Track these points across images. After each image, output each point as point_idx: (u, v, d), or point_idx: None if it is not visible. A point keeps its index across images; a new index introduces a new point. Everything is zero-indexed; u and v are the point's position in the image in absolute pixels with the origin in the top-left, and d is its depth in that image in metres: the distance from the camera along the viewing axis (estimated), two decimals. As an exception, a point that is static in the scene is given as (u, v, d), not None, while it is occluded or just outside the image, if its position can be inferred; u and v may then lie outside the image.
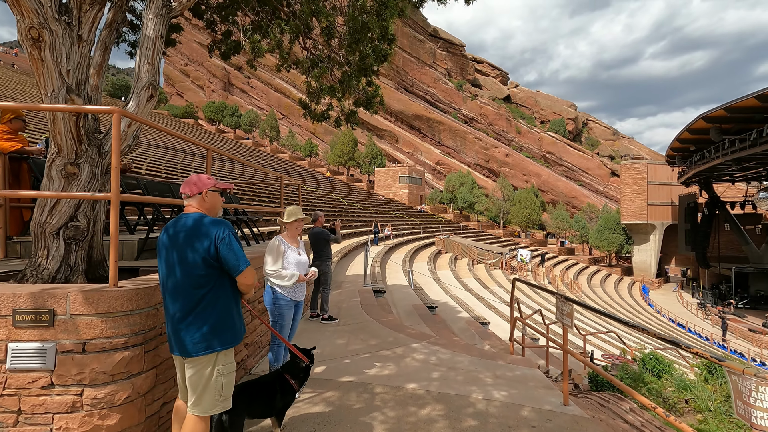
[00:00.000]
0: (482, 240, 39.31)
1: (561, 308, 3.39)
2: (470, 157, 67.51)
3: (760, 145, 25.61)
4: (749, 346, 25.37)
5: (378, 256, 15.65)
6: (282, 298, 3.60)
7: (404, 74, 69.89)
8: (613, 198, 65.37)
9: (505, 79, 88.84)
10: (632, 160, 48.37)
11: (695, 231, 38.45)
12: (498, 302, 14.49)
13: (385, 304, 8.10)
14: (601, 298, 30.63)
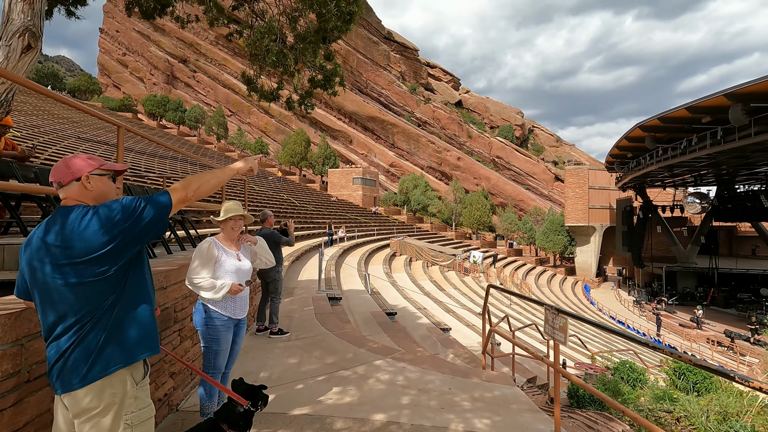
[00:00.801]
0: (435, 242, 39.54)
1: (552, 322, 2.94)
2: (423, 159, 68.16)
3: (689, 153, 27.60)
4: (680, 340, 27.23)
5: (332, 259, 14.91)
6: (218, 318, 2.87)
7: (358, 75, 69.40)
8: (557, 201, 68.67)
9: (457, 84, 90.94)
10: (575, 166, 50.92)
11: (631, 233, 41.00)
12: (456, 306, 14.25)
13: (341, 312, 7.44)
14: (548, 297, 31.67)
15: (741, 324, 29.29)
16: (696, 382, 5.19)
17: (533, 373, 7.83)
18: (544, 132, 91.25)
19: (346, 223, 32.90)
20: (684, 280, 41.24)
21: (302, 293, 8.43)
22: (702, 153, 26.23)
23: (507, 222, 52.75)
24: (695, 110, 24.53)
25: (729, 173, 34.40)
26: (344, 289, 10.92)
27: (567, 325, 2.82)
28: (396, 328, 7.57)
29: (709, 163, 29.69)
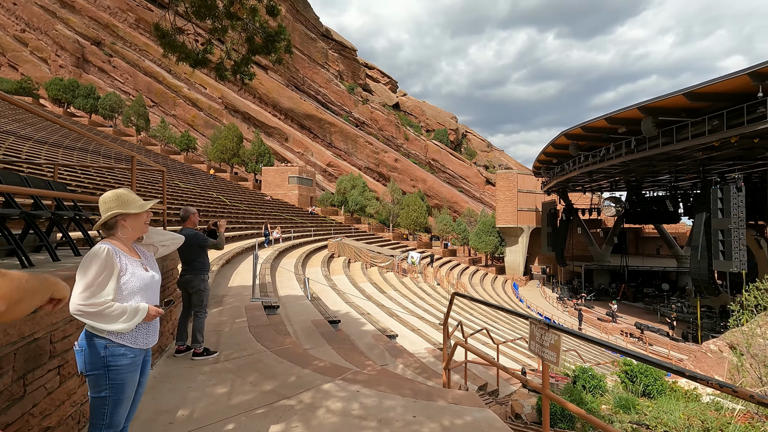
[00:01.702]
0: (373, 243, 39.25)
1: (540, 338, 2.51)
2: (361, 160, 67.80)
3: (607, 160, 29.92)
4: (599, 332, 29.40)
5: (267, 262, 13.83)
6: (125, 354, 2.06)
7: (295, 71, 67.34)
8: (488, 204, 71.82)
9: (395, 87, 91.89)
10: (505, 170, 53.49)
11: (555, 234, 43.83)
12: (399, 309, 13.88)
13: (279, 323, 6.63)
14: (481, 295, 32.72)
15: (649, 316, 32.41)
16: (647, 385, 5.17)
17: (481, 378, 7.60)
18: (476, 137, 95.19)
19: (282, 224, 31.44)
20: (599, 277, 44.96)
21: (233, 302, 7.46)
22: (618, 161, 28.53)
23: (442, 223, 54.00)
24: (613, 121, 26.58)
25: (637, 180, 38.00)
26: (281, 296, 10.03)
27: (560, 342, 2.41)
28: (341, 337, 6.93)
29: (622, 170, 32.45)
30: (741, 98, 20.02)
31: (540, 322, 2.55)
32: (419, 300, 18.74)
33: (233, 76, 4.09)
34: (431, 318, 13.96)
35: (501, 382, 7.57)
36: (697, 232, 25.14)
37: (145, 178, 25.72)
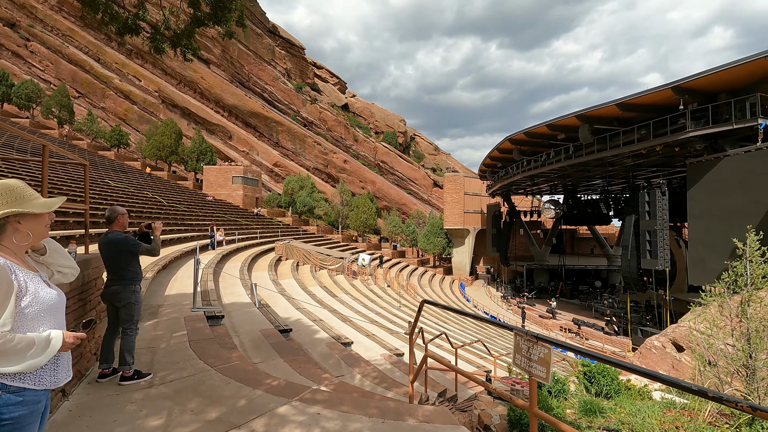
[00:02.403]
0: (322, 245, 38.48)
1: (527, 352, 2.29)
2: (309, 161, 66.50)
3: (548, 165, 31.47)
4: (540, 329, 30.79)
5: (209, 267, 12.88)
6: (23, 402, 1.56)
7: (240, 67, 64.72)
8: (436, 206, 73.29)
9: (344, 87, 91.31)
10: (452, 173, 54.80)
11: (499, 235, 45.49)
12: (352, 313, 13.47)
13: (224, 335, 6.03)
14: (430, 296, 33.12)
15: (584, 312, 34.48)
16: (605, 385, 5.22)
17: (440, 383, 7.43)
18: (424, 140, 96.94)
19: (226, 225, 29.85)
20: (539, 276, 47.30)
21: (171, 313, 6.72)
22: (557, 165, 30.10)
23: (391, 225, 54.23)
24: (553, 128, 27.98)
25: (574, 184, 40.44)
26: (226, 303, 9.30)
27: (550, 356, 2.20)
28: (293, 348, 6.44)
29: (561, 174, 34.34)
30: (665, 110, 21.81)
31: (527, 334, 2.34)
32: (371, 303, 18.46)
33: (173, 50, 3.51)
34: (385, 322, 13.72)
35: (459, 386, 7.45)
36: (627, 233, 27.07)
37: (67, 174, 23.28)
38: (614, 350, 24.67)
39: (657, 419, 3.26)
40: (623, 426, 3.39)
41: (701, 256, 21.00)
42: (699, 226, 21.13)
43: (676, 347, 6.61)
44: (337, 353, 7.08)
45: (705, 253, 20.76)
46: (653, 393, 5.57)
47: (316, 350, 7.14)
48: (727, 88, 20.14)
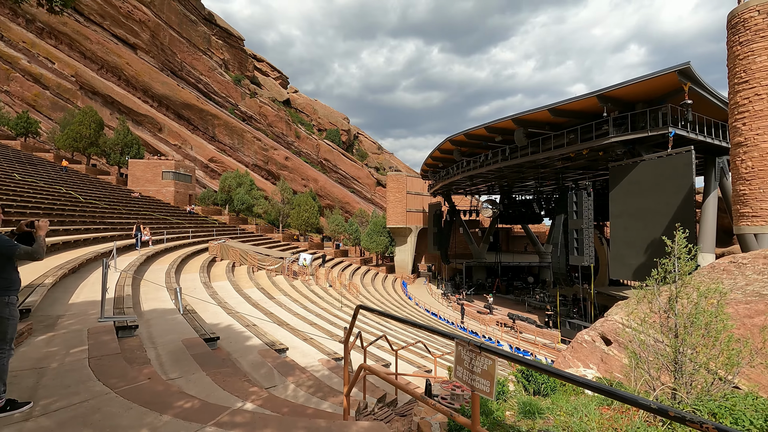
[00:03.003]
0: (261, 244, 37.00)
1: (469, 363, 2.06)
2: (248, 157, 63.80)
3: (486, 166, 32.59)
4: (478, 324, 31.83)
5: (130, 270, 11.66)
6: None
7: (171, 54, 60.44)
8: (379, 205, 73.55)
9: (285, 82, 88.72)
10: (395, 172, 55.21)
11: (440, 234, 46.55)
12: (289, 315, 12.85)
13: (136, 348, 5.31)
14: (373, 295, 33.02)
15: (518, 306, 36.19)
16: (542, 383, 5.25)
17: (379, 387, 7.18)
18: (367, 139, 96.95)
19: (154, 224, 27.63)
20: (477, 273, 49.05)
21: (73, 324, 5.83)
22: (494, 167, 31.26)
23: (334, 224, 53.53)
24: (491, 130, 28.98)
25: (509, 185, 42.36)
26: (145, 311, 8.37)
27: (495, 368, 1.98)
28: (219, 358, 5.84)
29: (497, 175, 35.77)
30: (591, 116, 23.36)
31: (469, 343, 2.11)
32: (311, 304, 17.88)
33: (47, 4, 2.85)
34: (325, 324, 13.27)
35: (399, 390, 7.25)
36: (557, 231, 28.74)
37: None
38: (545, 342, 26.06)
39: (596, 420, 3.20)
40: (562, 430, 3.32)
41: (621, 252, 22.77)
42: (619, 224, 22.89)
43: (604, 341, 6.89)
44: (270, 361, 6.58)
45: (624, 249, 22.53)
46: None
47: (247, 359, 6.57)
48: (643, 98, 21.98)
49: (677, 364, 3.43)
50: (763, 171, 12.88)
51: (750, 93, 13.33)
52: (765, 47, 12.88)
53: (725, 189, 26.04)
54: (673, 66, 18.68)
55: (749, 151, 13.28)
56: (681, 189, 19.03)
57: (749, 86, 13.33)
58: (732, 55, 14.02)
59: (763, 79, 12.92)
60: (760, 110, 12.97)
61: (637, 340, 3.70)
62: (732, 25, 13.97)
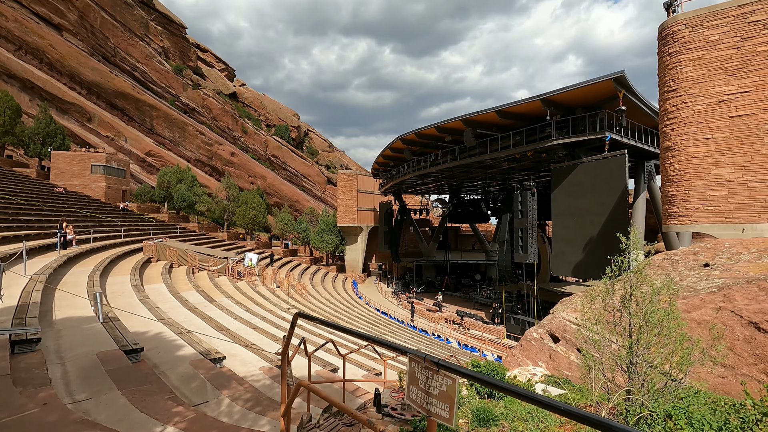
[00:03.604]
0: (204, 244, 35.04)
1: (425, 383, 1.73)
2: (191, 151, 60.36)
3: (435, 165, 32.95)
4: (427, 322, 32.13)
5: (42, 274, 10.32)
6: None
7: (103, 39, 55.72)
8: (329, 203, 72.54)
9: (232, 75, 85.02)
10: (346, 171, 54.60)
11: (391, 233, 46.62)
12: (231, 320, 12.01)
13: (35, 366, 4.51)
14: (322, 296, 32.30)
15: (466, 304, 37.02)
16: (494, 385, 5.09)
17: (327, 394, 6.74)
18: (318, 137, 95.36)
19: (80, 222, 25.16)
20: (427, 271, 49.70)
21: (-44, 339, 4.87)
22: (444, 166, 31.68)
23: (282, 222, 51.99)
24: (441, 130, 29.30)
25: (458, 185, 43.24)
26: (58, 319, 7.35)
27: (455, 389, 1.66)
28: (141, 374, 5.14)
29: (447, 175, 36.33)
30: (536, 119, 24.23)
31: (425, 359, 1.78)
32: (256, 307, 16.99)
33: None
34: (270, 327, 12.56)
35: (347, 395, 6.88)
36: (503, 230, 29.63)
37: None
38: (492, 338, 26.76)
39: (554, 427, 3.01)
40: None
41: (561, 249, 23.83)
42: (560, 223, 23.95)
43: (552, 338, 6.93)
44: (204, 373, 5.93)
45: (564, 247, 23.60)
46: (536, 386, 5.65)
47: (176, 372, 5.88)
48: (582, 103, 23.13)
49: (632, 365, 3.33)
50: (688, 174, 13.90)
51: (677, 101, 14.32)
52: (691, 58, 13.89)
53: (652, 191, 28.12)
54: (609, 74, 19.77)
55: (677, 155, 14.27)
56: (615, 190, 20.19)
57: (677, 94, 14.32)
58: (662, 65, 14.99)
59: (689, 88, 13.93)
60: (686, 117, 13.98)
61: (592, 341, 3.58)
62: (662, 37, 14.95)
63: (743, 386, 3.78)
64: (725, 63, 13.35)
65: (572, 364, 6.33)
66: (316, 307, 23.90)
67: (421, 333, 27.64)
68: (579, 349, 6.38)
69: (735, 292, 5.56)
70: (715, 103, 13.49)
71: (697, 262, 8.11)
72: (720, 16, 13.45)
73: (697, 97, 13.82)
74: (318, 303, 26.72)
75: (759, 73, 12.84)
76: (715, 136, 13.48)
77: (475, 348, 24.68)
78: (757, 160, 12.79)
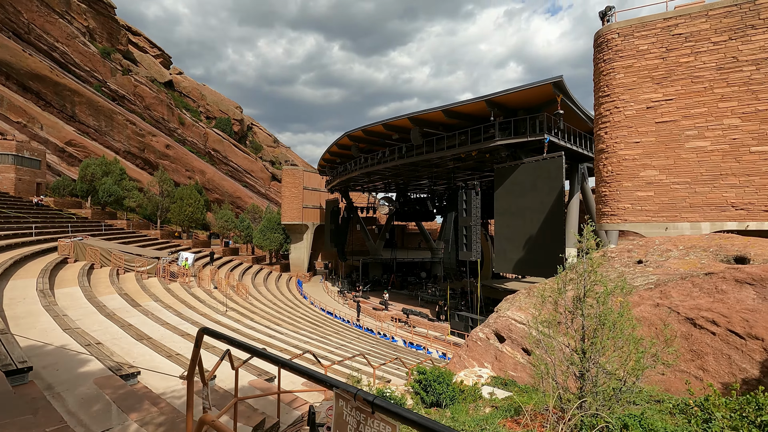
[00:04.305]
0: (133, 242, 32.31)
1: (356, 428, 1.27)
2: (119, 142, 55.67)
3: (383, 163, 32.75)
4: (373, 321, 31.88)
5: None
6: None
7: (15, 13, 49.75)
8: (273, 200, 70.18)
9: (168, 62, 79.57)
10: (292, 167, 52.98)
11: (337, 231, 45.89)
12: (157, 326, 10.84)
13: None
14: (265, 296, 30.93)
15: (412, 301, 37.21)
16: (440, 393, 4.77)
17: (257, 409, 6.11)
18: (262, 131, 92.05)
19: (-23, 218, 22.07)
20: (374, 270, 49.54)
21: None
22: (391, 164, 31.55)
23: (223, 220, 49.43)
24: (389, 127, 29.10)
25: (405, 183, 43.42)
26: (-76, 334, 6.05)
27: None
28: (25, 400, 4.23)
29: (394, 173, 36.28)
30: (480, 120, 24.71)
31: (355, 397, 1.32)
32: (188, 310, 15.70)
33: None
34: (201, 332, 11.55)
35: (282, 407, 6.28)
36: (448, 228, 30.05)
37: None
38: (436, 335, 27.02)
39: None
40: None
41: (503, 247, 24.52)
42: (502, 222, 24.63)
43: (498, 338, 6.78)
44: (110, 393, 5.08)
45: (506, 245, 24.30)
46: (482, 389, 5.42)
47: (75, 394, 4.98)
48: (524, 106, 23.91)
49: (585, 371, 3.11)
50: (620, 175, 14.69)
51: (611, 106, 15.09)
52: (623, 66, 14.68)
53: (585, 192, 29.80)
54: (549, 78, 20.54)
55: (610, 157, 15.04)
56: (553, 190, 21.05)
57: (610, 99, 15.08)
58: (597, 71, 15.74)
59: (621, 94, 14.71)
60: (619, 121, 14.76)
61: (545, 345, 3.33)
62: (597, 44, 15.69)
63: (687, 385, 3.71)
64: (653, 72, 14.22)
65: (518, 365, 6.20)
66: (256, 308, 22.74)
67: (367, 332, 27.32)
68: (525, 349, 6.27)
69: (671, 288, 5.67)
70: (644, 109, 14.33)
71: (632, 259, 8.37)
72: (648, 27, 14.30)
73: (628, 103, 14.61)
74: (259, 304, 25.49)
75: (681, 82, 13.80)
76: (643, 140, 14.31)
77: (420, 346, 24.75)
78: (679, 163, 13.74)
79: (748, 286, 4.73)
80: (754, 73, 12.79)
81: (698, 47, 13.52)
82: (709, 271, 5.48)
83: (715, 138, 13.27)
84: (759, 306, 4.40)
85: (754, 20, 12.80)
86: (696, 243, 8.06)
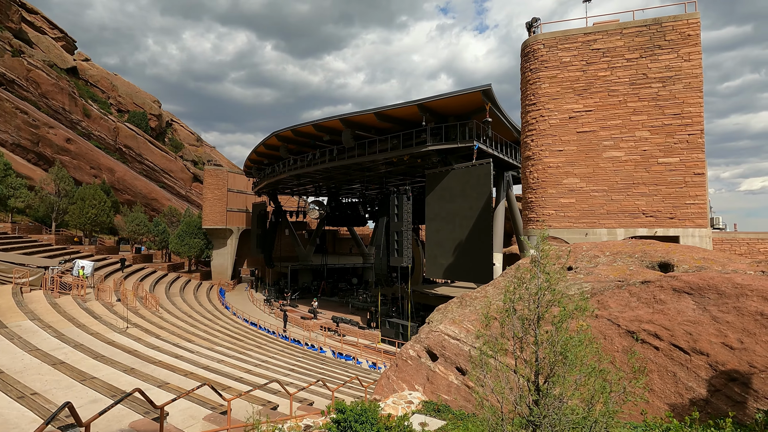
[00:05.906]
0: (18, 249, 27.82)
1: None
2: (6, 133, 48.14)
3: (313, 165, 31.50)
4: (301, 331, 30.33)
5: None
6: None
7: None
8: (195, 203, 65.24)
9: (72, 47, 71.05)
10: (215, 167, 49.47)
11: (264, 235, 43.52)
12: (22, 353, 8.74)
13: None
14: (180, 308, 28.03)
15: (342, 309, 36.14)
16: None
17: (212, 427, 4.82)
18: (184, 129, 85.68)
19: None
20: (304, 276, 47.71)
21: None
22: (322, 167, 30.41)
23: (134, 223, 44.66)
24: (319, 128, 27.99)
25: (337, 187, 42.37)
26: None
27: None
28: None
29: (325, 176, 35.12)
30: (413, 125, 24.56)
31: None
32: (75, 329, 13.30)
33: None
34: (84, 359, 9.60)
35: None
36: (380, 233, 29.56)
37: None
38: (367, 343, 26.26)
39: None
40: None
41: (434, 252, 24.47)
42: (433, 227, 24.60)
43: (430, 356, 6.11)
44: None
45: (436, 250, 24.27)
46: (413, 419, 4.67)
47: None
48: (454, 112, 24.17)
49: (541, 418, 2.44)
50: (545, 182, 15.06)
51: (536, 114, 15.49)
52: (548, 76, 15.13)
53: (510, 199, 30.95)
54: (478, 86, 20.89)
55: (535, 165, 15.39)
56: (482, 195, 21.36)
57: (536, 108, 15.48)
58: (524, 80, 16.12)
59: (546, 103, 15.15)
60: (544, 130, 15.18)
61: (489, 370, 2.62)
62: (524, 54, 16.08)
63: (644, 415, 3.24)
64: (574, 83, 14.78)
65: (452, 386, 5.55)
66: (166, 323, 20.31)
67: (294, 344, 25.79)
68: (460, 368, 5.65)
69: (608, 298, 5.36)
70: (567, 118, 14.84)
71: (562, 266, 8.18)
72: (571, 40, 14.87)
73: (553, 112, 15.05)
74: (171, 317, 22.90)
75: (599, 95, 14.48)
76: (566, 149, 14.80)
77: (350, 356, 23.81)
78: (598, 172, 14.36)
79: (687, 296, 4.54)
80: (661, 90, 13.74)
81: (614, 62, 14.27)
82: (644, 279, 5.28)
83: (628, 149, 14.04)
84: (700, 317, 4.20)
85: (660, 41, 13.77)
86: (621, 249, 8.07)
